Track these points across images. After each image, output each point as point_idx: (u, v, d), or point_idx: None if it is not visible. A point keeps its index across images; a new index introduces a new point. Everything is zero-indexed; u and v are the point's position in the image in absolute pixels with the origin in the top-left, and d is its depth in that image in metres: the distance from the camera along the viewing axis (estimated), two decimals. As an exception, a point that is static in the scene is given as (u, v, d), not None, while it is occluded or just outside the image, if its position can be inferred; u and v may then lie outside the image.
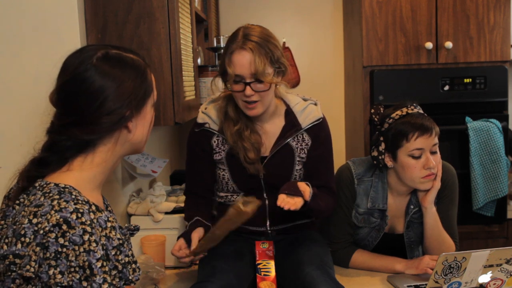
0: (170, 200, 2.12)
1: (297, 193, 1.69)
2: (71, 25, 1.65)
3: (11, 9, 1.63)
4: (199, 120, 1.84)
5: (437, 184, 1.84)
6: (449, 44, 2.84)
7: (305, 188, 1.72)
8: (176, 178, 2.52)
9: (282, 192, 1.68)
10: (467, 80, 2.86)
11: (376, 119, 1.92)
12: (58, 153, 1.14)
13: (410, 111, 1.85)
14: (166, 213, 2.03)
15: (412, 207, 1.93)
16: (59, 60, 1.18)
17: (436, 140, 1.82)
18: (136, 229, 1.32)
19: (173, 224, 2.03)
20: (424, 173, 1.81)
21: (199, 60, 2.46)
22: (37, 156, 1.16)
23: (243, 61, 1.67)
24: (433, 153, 1.82)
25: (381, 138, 1.88)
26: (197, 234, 1.74)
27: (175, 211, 2.04)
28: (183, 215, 2.03)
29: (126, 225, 1.32)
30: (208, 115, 1.83)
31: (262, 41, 1.69)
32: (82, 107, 1.13)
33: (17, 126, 1.66)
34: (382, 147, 1.87)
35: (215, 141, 1.82)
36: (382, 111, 1.92)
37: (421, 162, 1.81)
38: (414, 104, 1.89)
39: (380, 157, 1.87)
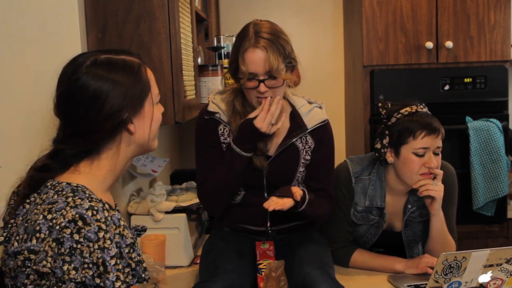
0: (170, 199, 2.12)
1: (288, 194, 1.70)
2: (71, 24, 1.65)
3: (11, 10, 1.63)
4: (210, 109, 1.82)
5: (440, 194, 1.82)
6: (449, 44, 2.84)
7: (297, 190, 1.72)
8: (177, 178, 2.52)
9: (274, 195, 1.71)
10: (467, 80, 2.86)
11: (383, 113, 1.92)
12: (61, 160, 1.16)
13: (419, 110, 1.86)
14: (166, 212, 2.03)
15: (409, 206, 1.93)
16: (59, 60, 1.18)
17: (440, 142, 1.83)
18: (143, 229, 1.32)
19: (173, 224, 2.03)
20: (423, 170, 1.82)
21: (199, 60, 2.46)
22: (39, 163, 1.17)
23: (257, 59, 1.67)
24: (435, 154, 1.83)
25: (387, 132, 1.88)
26: None
27: (175, 210, 2.04)
28: (183, 214, 2.04)
29: (133, 225, 1.32)
30: (218, 105, 1.82)
31: (274, 37, 1.69)
32: (81, 116, 1.14)
33: (17, 125, 1.66)
34: (386, 140, 1.88)
35: (221, 129, 1.81)
36: (389, 106, 1.93)
37: (423, 160, 1.81)
38: (423, 104, 1.90)
39: (382, 150, 1.88)
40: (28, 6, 1.63)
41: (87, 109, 1.13)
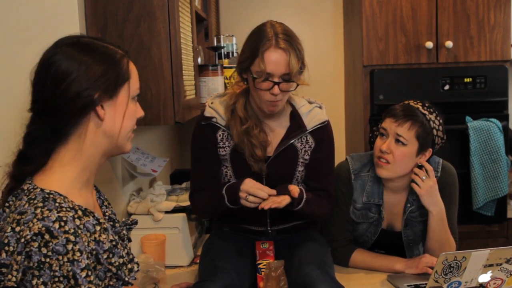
0: (170, 199, 2.12)
1: (285, 192, 1.70)
2: (71, 24, 1.65)
3: (10, 9, 1.63)
4: (207, 114, 1.82)
5: (422, 191, 1.84)
6: (449, 44, 2.84)
7: (294, 187, 1.72)
8: (176, 177, 2.52)
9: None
10: (467, 80, 2.86)
11: None
12: (32, 145, 1.14)
13: (411, 104, 1.89)
14: (166, 212, 2.03)
15: (409, 205, 1.93)
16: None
17: (401, 132, 1.83)
18: (134, 223, 1.31)
19: (173, 224, 2.03)
20: (378, 154, 1.87)
21: (199, 60, 2.46)
22: (16, 153, 1.16)
23: (278, 60, 1.66)
24: (397, 142, 1.84)
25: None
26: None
27: (175, 210, 2.04)
28: (183, 214, 2.04)
29: (123, 219, 1.31)
30: (215, 109, 1.82)
31: (293, 40, 1.69)
32: (49, 92, 1.11)
33: (17, 125, 1.66)
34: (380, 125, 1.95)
35: (220, 135, 1.81)
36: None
37: (381, 142, 1.87)
38: (423, 103, 1.91)
39: (375, 133, 1.96)
40: (28, 6, 1.63)
41: (56, 84, 1.10)
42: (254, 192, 1.68)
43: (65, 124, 1.13)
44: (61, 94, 1.10)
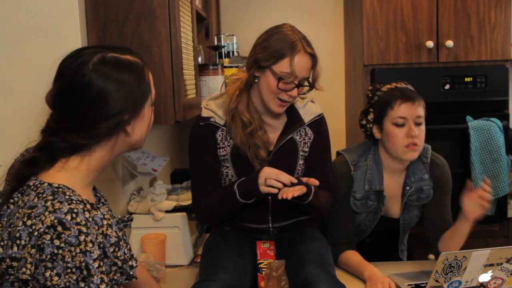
0: (170, 198, 2.12)
1: (301, 183, 1.70)
2: (71, 23, 1.65)
3: (11, 8, 1.63)
4: (204, 115, 1.82)
5: (477, 214, 1.86)
6: (450, 43, 2.83)
7: (308, 179, 1.73)
8: (177, 177, 2.52)
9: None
10: (468, 79, 2.85)
11: (369, 94, 2.00)
12: (51, 153, 1.14)
13: (399, 86, 1.93)
14: (167, 211, 2.03)
15: (408, 188, 1.96)
16: (59, 59, 1.18)
17: (420, 111, 1.88)
18: (130, 219, 1.31)
19: (174, 223, 2.03)
20: (406, 142, 1.86)
21: (199, 59, 2.45)
22: (28, 156, 1.15)
23: (306, 64, 1.72)
24: (417, 124, 1.87)
25: (371, 109, 1.96)
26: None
27: (175, 209, 2.04)
28: (183, 213, 2.04)
29: (119, 216, 1.31)
30: (212, 110, 1.82)
31: (313, 47, 1.75)
32: (81, 113, 1.13)
33: (18, 124, 1.66)
34: (370, 116, 1.96)
35: (219, 135, 1.81)
36: (377, 87, 1.99)
37: (404, 130, 1.86)
38: (406, 82, 1.97)
39: (368, 126, 1.97)
40: (29, 5, 1.63)
41: (89, 107, 1.12)
42: (277, 176, 1.67)
43: (92, 141, 1.15)
44: (93, 116, 1.12)
